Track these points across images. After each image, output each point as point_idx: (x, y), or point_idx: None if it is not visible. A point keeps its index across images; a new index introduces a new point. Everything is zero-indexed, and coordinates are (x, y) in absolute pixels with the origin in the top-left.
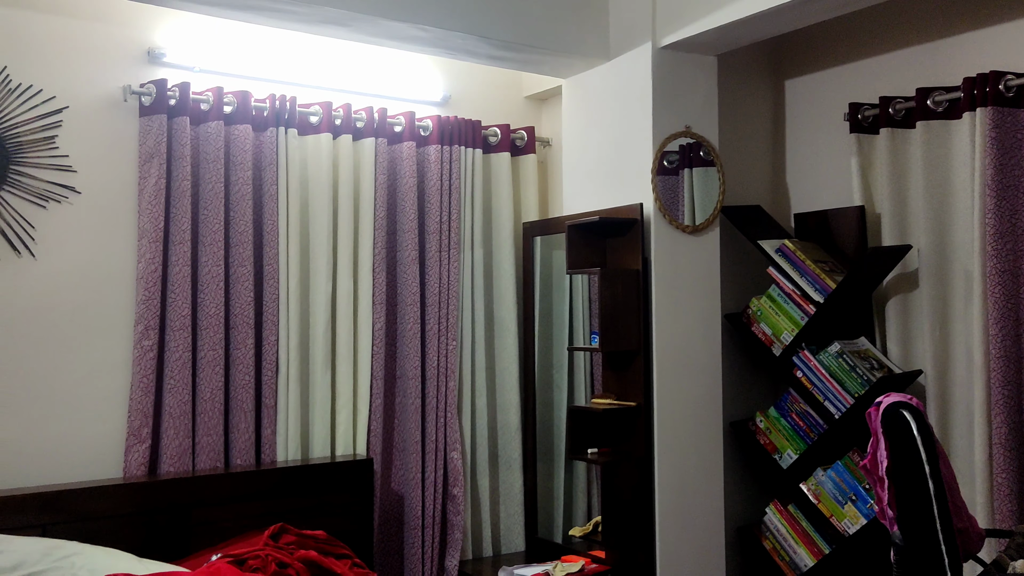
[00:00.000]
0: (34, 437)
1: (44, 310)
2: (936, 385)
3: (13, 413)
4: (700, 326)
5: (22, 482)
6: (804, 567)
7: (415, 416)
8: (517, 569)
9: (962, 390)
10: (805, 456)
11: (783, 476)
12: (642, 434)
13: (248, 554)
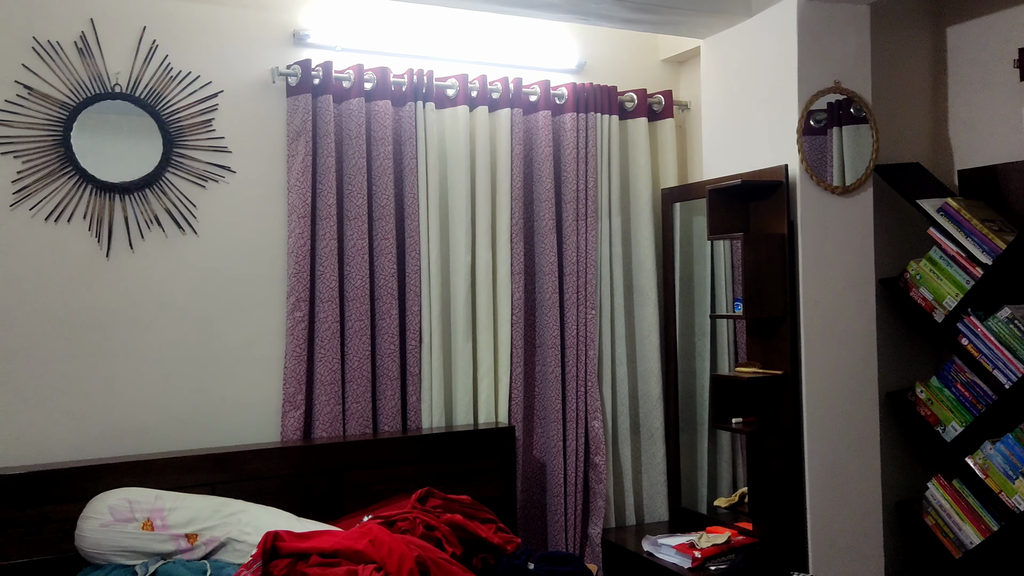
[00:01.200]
0: (200, 402)
1: (206, 284)
2: None
3: (181, 380)
4: (852, 291)
5: (192, 444)
6: (970, 544)
7: (555, 384)
8: (661, 538)
9: None
10: (971, 428)
11: (946, 449)
12: (790, 404)
13: (397, 516)
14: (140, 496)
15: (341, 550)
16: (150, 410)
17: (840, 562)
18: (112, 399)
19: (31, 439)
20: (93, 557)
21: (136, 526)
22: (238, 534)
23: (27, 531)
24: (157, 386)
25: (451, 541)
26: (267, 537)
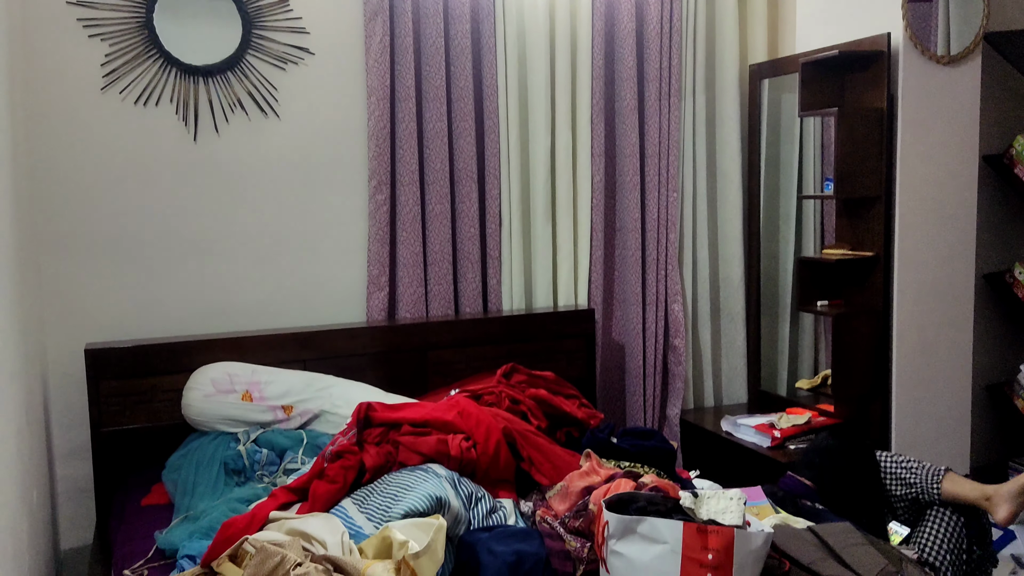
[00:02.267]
0: (290, 284)
1: (290, 167)
2: None
3: (268, 261)
4: (953, 169)
5: (283, 324)
6: None
7: (635, 268)
8: (740, 419)
9: None
10: None
11: None
12: (880, 286)
13: (483, 390)
14: (239, 370)
15: (431, 420)
16: (243, 291)
17: (924, 444)
18: (206, 281)
19: (135, 318)
20: (199, 424)
21: (236, 397)
22: (331, 407)
23: (139, 399)
24: (248, 268)
25: (536, 415)
26: (361, 407)
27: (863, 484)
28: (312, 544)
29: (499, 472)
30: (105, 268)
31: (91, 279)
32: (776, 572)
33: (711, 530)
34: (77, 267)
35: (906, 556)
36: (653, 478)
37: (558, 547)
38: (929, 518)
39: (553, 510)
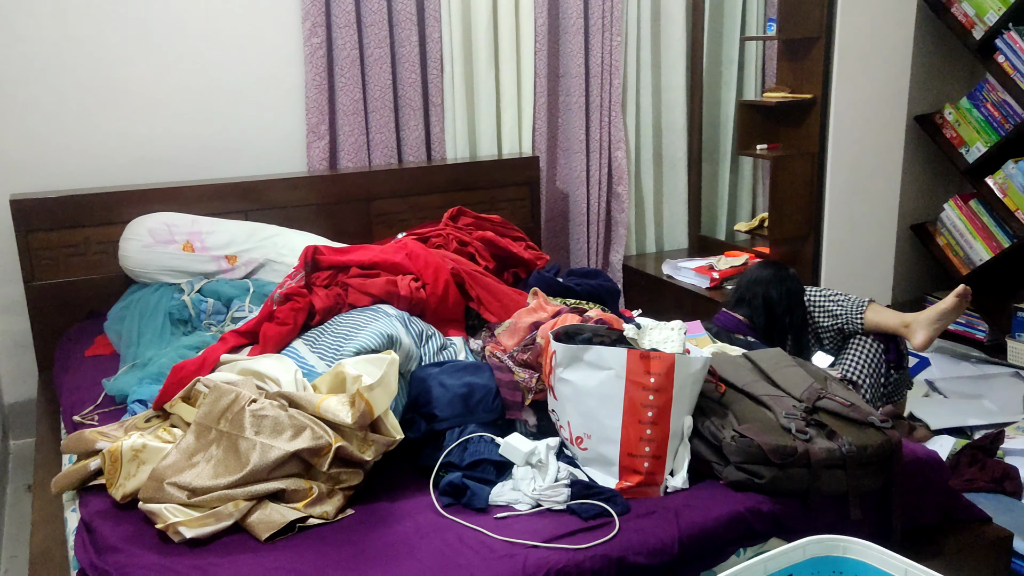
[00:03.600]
0: (225, 132)
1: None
2: None
3: (202, 109)
4: (891, 11)
5: (222, 174)
6: (979, 261)
7: (579, 114)
8: (680, 262)
9: None
10: (996, 149)
11: (968, 171)
12: (816, 128)
13: (431, 233)
14: (177, 220)
15: (379, 263)
16: (177, 141)
17: (851, 280)
18: (140, 128)
19: (63, 167)
20: (140, 276)
21: (176, 248)
22: (276, 256)
23: (72, 252)
24: (181, 116)
25: (483, 256)
26: (307, 250)
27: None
28: (265, 382)
29: (448, 311)
30: (29, 116)
31: (12, 127)
32: (713, 394)
33: (653, 356)
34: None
35: (830, 375)
36: (598, 312)
37: (507, 378)
38: (852, 345)
39: (502, 345)
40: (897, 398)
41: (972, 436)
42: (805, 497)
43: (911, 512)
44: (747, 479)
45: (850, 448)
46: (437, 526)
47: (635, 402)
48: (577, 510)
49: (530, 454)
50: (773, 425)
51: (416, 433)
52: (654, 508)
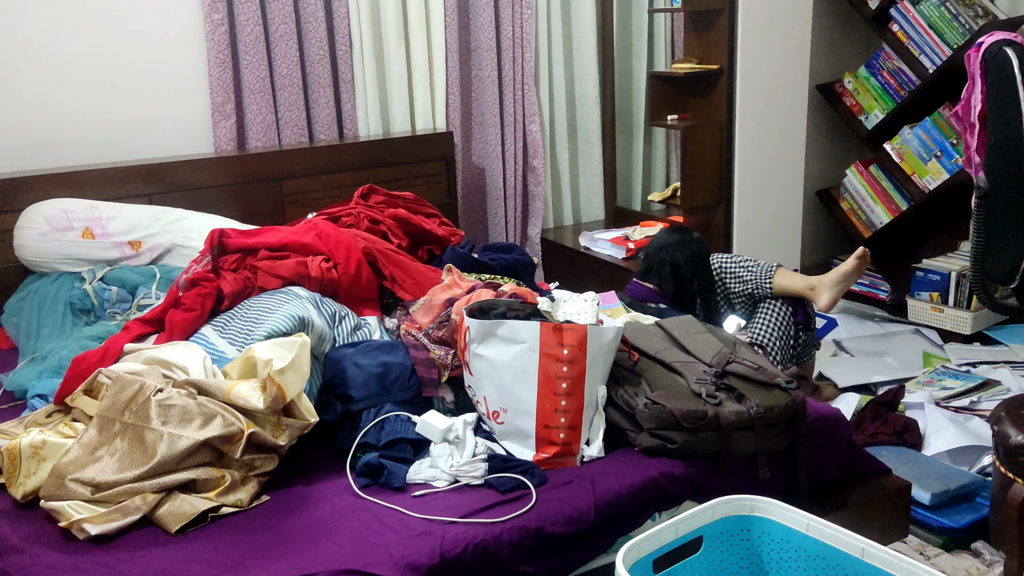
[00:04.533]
0: (124, 113)
1: None
2: None
3: (100, 92)
4: None
5: (123, 157)
6: (879, 224)
7: (492, 89)
8: (597, 234)
9: None
10: (892, 115)
11: (867, 137)
12: (724, 98)
13: (342, 212)
14: (75, 206)
15: (289, 244)
16: (72, 122)
17: (761, 245)
18: (32, 110)
19: None
20: (37, 266)
21: (75, 235)
22: (182, 240)
23: None
24: (78, 96)
25: (396, 234)
26: (214, 233)
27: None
28: (173, 371)
29: (362, 291)
30: None
31: None
32: (626, 363)
33: (566, 328)
34: None
35: (739, 340)
36: (513, 286)
37: (423, 356)
38: (762, 309)
39: (417, 323)
40: (806, 358)
41: (876, 392)
42: (716, 459)
43: (816, 468)
44: (660, 444)
45: (758, 410)
46: (354, 508)
47: (549, 374)
48: (495, 484)
49: (447, 431)
50: (685, 391)
51: (332, 415)
52: (571, 478)
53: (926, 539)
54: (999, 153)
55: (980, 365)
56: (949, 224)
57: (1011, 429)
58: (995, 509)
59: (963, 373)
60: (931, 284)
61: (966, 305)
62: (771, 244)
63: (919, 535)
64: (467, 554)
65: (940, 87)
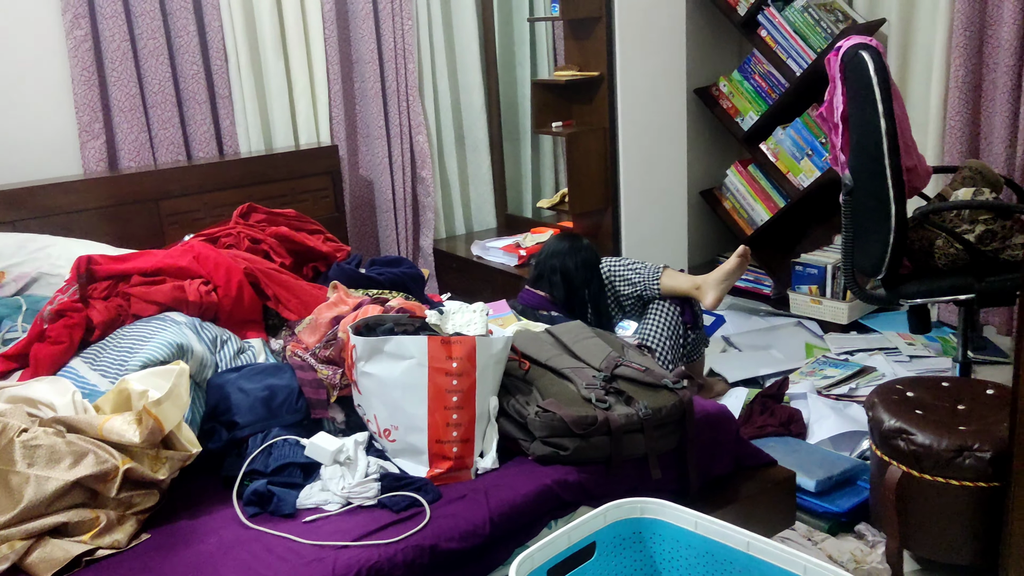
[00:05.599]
0: None
1: None
2: (899, 32)
3: None
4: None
5: None
6: (760, 221)
7: (376, 100)
8: (489, 242)
9: (925, 36)
10: (766, 117)
11: (744, 138)
12: (606, 104)
13: (220, 232)
14: None
15: (164, 268)
16: None
17: (649, 247)
18: None
19: None
20: None
21: None
22: (50, 268)
23: None
24: None
25: (279, 252)
26: (80, 260)
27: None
28: (39, 409)
29: (244, 313)
30: None
31: None
32: (517, 371)
33: (454, 340)
34: None
35: (627, 343)
36: (401, 301)
37: (310, 377)
38: (651, 310)
39: (303, 343)
40: (696, 356)
41: (763, 385)
42: (608, 463)
43: (706, 465)
44: (553, 452)
45: (646, 412)
46: (242, 539)
47: (439, 388)
48: (388, 503)
49: (337, 452)
50: (575, 397)
51: (217, 443)
52: (465, 492)
53: (813, 525)
54: (861, 151)
55: (857, 353)
56: (825, 219)
57: (884, 414)
58: (874, 491)
59: (842, 361)
60: (810, 278)
61: (842, 296)
62: (659, 245)
63: (807, 521)
64: None
65: (808, 89)
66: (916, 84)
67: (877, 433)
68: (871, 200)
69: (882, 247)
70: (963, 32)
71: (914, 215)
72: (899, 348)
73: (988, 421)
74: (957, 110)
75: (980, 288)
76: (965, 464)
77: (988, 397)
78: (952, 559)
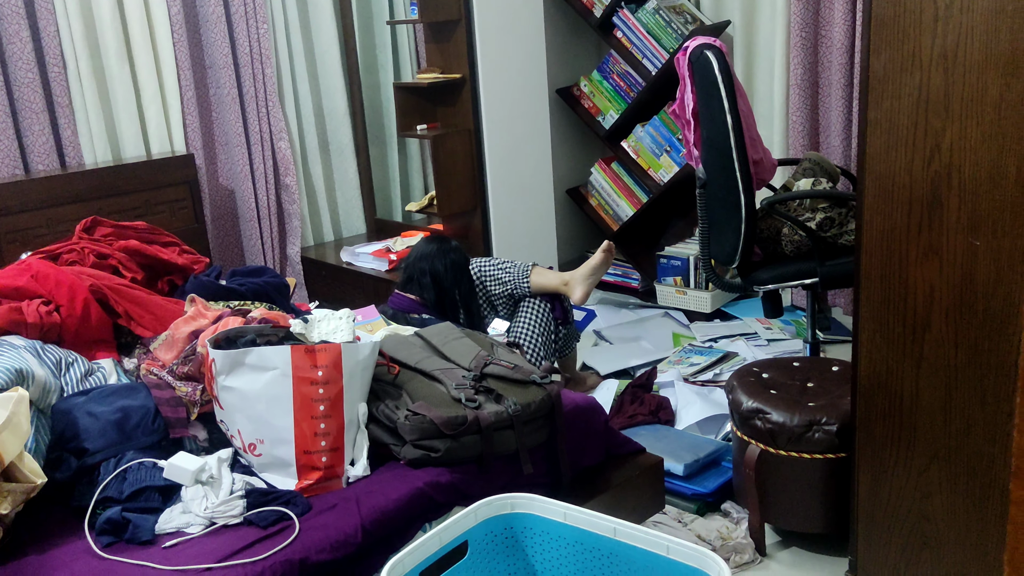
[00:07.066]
0: None
1: None
2: (743, 33)
3: None
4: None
5: None
6: (625, 217)
7: (233, 107)
8: (359, 248)
9: (766, 37)
10: (626, 115)
11: (606, 136)
12: (469, 106)
13: (62, 249)
14: None
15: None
16: None
17: (519, 246)
18: None
19: None
20: None
21: None
22: None
23: None
24: None
25: (129, 267)
26: None
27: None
28: None
29: (92, 332)
30: None
31: None
32: (386, 376)
33: (318, 348)
34: None
35: (497, 342)
36: (263, 311)
37: (167, 395)
38: (522, 308)
39: (159, 360)
40: (568, 351)
41: (634, 375)
42: (480, 462)
43: (577, 456)
44: (424, 455)
45: (516, 408)
46: (96, 571)
47: (305, 398)
48: (255, 520)
49: (199, 471)
50: (445, 398)
51: (65, 472)
52: (335, 501)
53: (683, 507)
54: (711, 146)
55: (721, 339)
56: (686, 213)
57: (742, 396)
58: (736, 470)
59: (706, 349)
60: (674, 269)
61: (705, 286)
62: (528, 244)
63: (677, 504)
64: None
65: (664, 87)
66: (761, 82)
67: (737, 414)
68: (723, 192)
69: (735, 236)
70: (799, 33)
71: (762, 205)
72: (758, 333)
73: (834, 396)
74: (798, 106)
75: (823, 272)
76: (815, 438)
77: (833, 374)
78: (808, 528)
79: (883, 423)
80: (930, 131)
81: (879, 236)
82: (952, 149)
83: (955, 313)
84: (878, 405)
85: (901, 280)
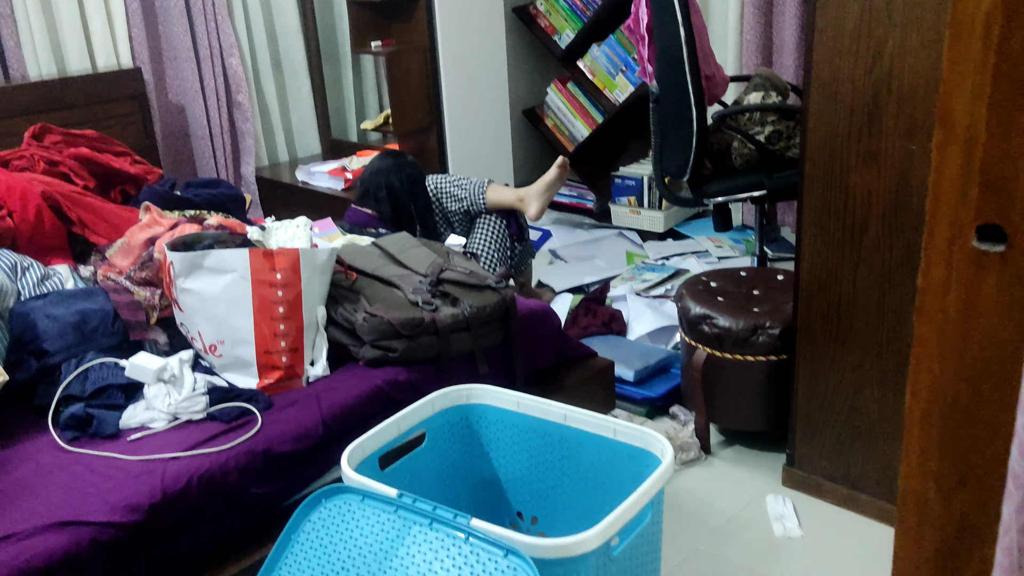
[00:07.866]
0: None
1: None
2: None
3: None
4: None
5: None
6: (580, 137)
7: (181, 20)
8: (314, 167)
9: None
10: (582, 34)
11: (562, 56)
12: (424, 23)
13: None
14: None
15: None
16: None
17: (476, 166)
18: None
19: None
20: None
21: None
22: None
23: None
24: None
25: (81, 175)
26: None
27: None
28: None
29: (46, 239)
30: None
31: None
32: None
33: (277, 252)
34: None
35: (453, 250)
36: (220, 219)
37: (126, 300)
38: (479, 224)
39: (116, 267)
40: (524, 267)
41: (588, 291)
42: (437, 361)
43: (531, 358)
44: (382, 355)
45: (471, 310)
46: (62, 462)
47: (264, 300)
48: (218, 415)
49: (161, 370)
50: (402, 302)
51: (26, 373)
52: (296, 398)
53: (633, 411)
54: (665, 61)
55: (673, 257)
56: (641, 133)
57: (691, 303)
58: (684, 374)
59: (659, 266)
60: (628, 189)
61: (659, 206)
62: (485, 163)
63: (627, 408)
64: (192, 486)
65: (620, 6)
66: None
67: (685, 321)
68: (675, 107)
69: (686, 150)
70: None
71: (712, 119)
72: (709, 251)
73: (778, 302)
74: (751, 24)
75: (770, 184)
76: (759, 341)
77: (778, 282)
78: (751, 427)
79: (822, 323)
80: (873, 38)
81: (822, 143)
82: (892, 56)
83: (891, 216)
84: (817, 307)
85: (842, 186)
